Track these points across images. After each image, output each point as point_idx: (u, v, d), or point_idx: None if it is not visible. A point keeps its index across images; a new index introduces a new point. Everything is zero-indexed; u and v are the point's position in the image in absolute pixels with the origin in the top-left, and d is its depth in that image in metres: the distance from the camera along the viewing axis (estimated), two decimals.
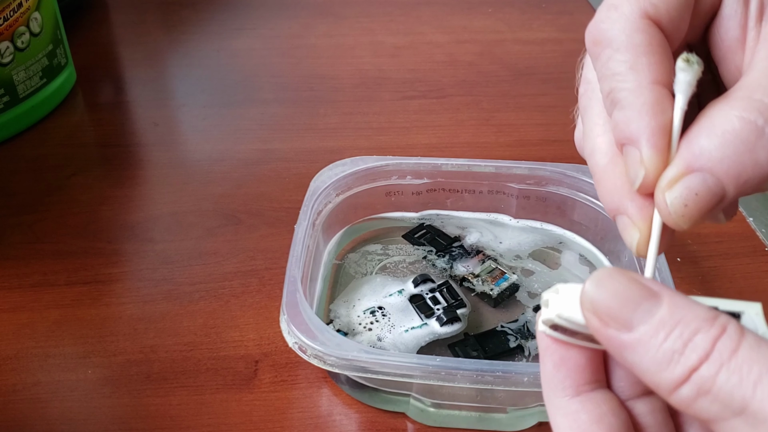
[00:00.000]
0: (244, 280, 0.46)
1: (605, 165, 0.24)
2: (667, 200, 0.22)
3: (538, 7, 0.77)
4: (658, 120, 0.22)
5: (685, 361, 0.18)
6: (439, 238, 0.46)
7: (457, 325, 0.41)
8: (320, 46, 0.71)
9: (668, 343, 0.18)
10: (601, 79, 0.24)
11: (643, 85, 0.22)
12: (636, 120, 0.22)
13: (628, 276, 0.20)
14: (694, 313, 0.19)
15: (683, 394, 0.18)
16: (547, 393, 0.22)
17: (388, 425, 0.38)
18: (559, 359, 0.22)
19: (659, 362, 0.18)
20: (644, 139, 0.22)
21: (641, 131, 0.22)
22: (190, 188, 0.53)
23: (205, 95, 0.64)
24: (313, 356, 0.35)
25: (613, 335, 0.19)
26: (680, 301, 0.19)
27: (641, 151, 0.22)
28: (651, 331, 0.19)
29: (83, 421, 0.38)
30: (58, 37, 0.60)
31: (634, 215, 0.23)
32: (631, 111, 0.22)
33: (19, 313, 0.43)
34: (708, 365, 0.18)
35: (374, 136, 0.59)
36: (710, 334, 0.18)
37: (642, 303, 0.19)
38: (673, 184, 0.22)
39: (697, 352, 0.18)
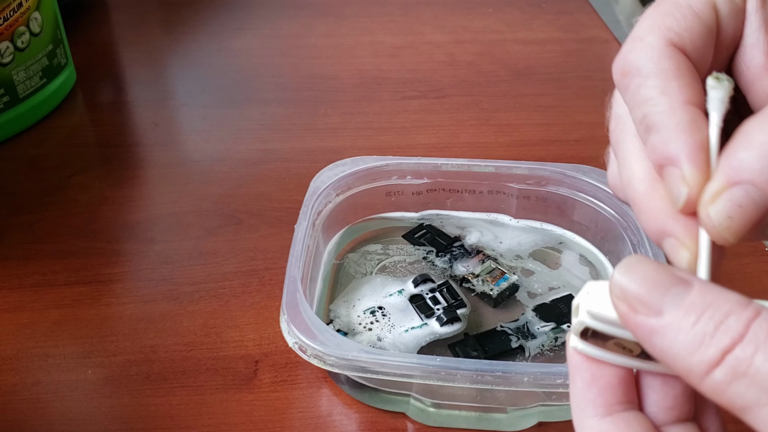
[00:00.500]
0: (244, 280, 0.46)
1: (645, 191, 0.24)
2: (711, 215, 0.21)
3: (538, 7, 0.77)
4: (696, 137, 0.22)
5: (717, 343, 0.18)
6: (439, 238, 0.47)
7: (457, 325, 0.41)
8: (320, 46, 0.71)
9: (699, 326, 0.18)
10: (633, 108, 0.24)
11: (676, 107, 0.22)
12: (673, 140, 0.22)
13: (657, 263, 0.20)
14: (725, 297, 0.19)
15: (717, 377, 0.18)
16: (576, 413, 0.22)
17: (388, 425, 0.38)
18: (590, 377, 0.22)
19: (690, 345, 0.18)
20: (684, 156, 0.22)
21: (680, 149, 0.22)
22: (190, 188, 0.53)
23: (205, 95, 0.64)
24: (313, 356, 0.35)
25: (642, 321, 0.19)
26: (711, 287, 0.19)
27: (682, 168, 0.22)
28: (681, 315, 0.19)
29: (83, 421, 0.38)
30: (58, 37, 0.60)
31: (682, 235, 0.23)
32: (667, 132, 0.22)
33: (19, 313, 0.43)
34: (743, 346, 0.18)
35: (374, 136, 0.59)
36: (743, 316, 0.18)
37: (672, 288, 0.19)
38: (715, 198, 0.21)
39: (729, 333, 0.18)
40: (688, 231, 0.23)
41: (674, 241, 0.23)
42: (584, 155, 0.56)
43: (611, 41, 0.72)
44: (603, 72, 0.68)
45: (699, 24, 0.24)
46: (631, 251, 0.42)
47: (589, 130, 0.60)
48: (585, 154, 0.57)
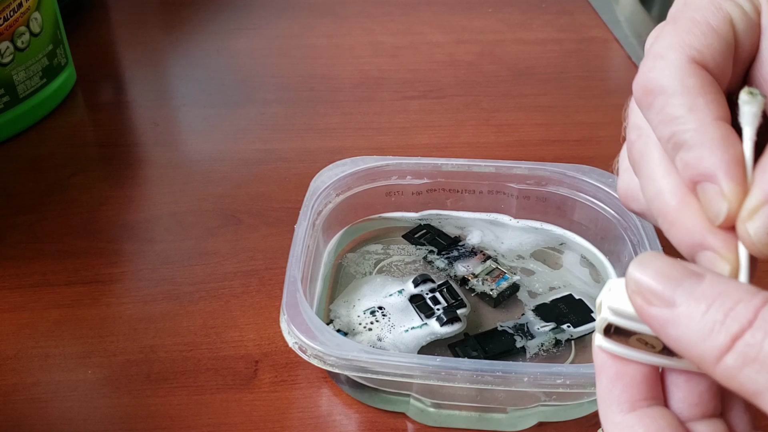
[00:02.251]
0: (244, 280, 0.46)
1: (677, 204, 0.24)
2: (750, 231, 0.22)
3: (538, 7, 0.77)
4: (731, 153, 0.22)
5: (728, 330, 0.18)
6: (439, 238, 0.46)
7: (457, 325, 0.41)
8: (320, 46, 0.71)
9: (710, 314, 0.19)
10: (659, 126, 0.24)
11: (707, 123, 0.23)
12: (709, 156, 0.22)
13: (670, 258, 0.20)
14: (735, 286, 0.19)
15: (728, 363, 0.18)
16: (603, 410, 0.22)
17: (388, 425, 0.38)
18: (614, 374, 0.22)
19: (702, 333, 0.19)
20: (722, 172, 0.22)
21: (717, 165, 0.22)
22: (190, 188, 0.53)
23: (205, 95, 0.64)
24: (313, 356, 0.35)
25: (657, 312, 0.20)
26: (722, 278, 0.20)
27: (721, 184, 0.22)
28: (693, 304, 0.19)
29: (83, 421, 0.38)
30: (58, 37, 0.60)
31: (722, 249, 0.23)
32: (700, 148, 0.22)
33: (19, 313, 0.43)
34: (752, 332, 0.18)
35: (374, 136, 0.59)
36: (752, 303, 0.18)
37: (684, 280, 0.20)
38: (753, 214, 0.22)
39: (739, 320, 0.18)
40: (727, 244, 0.23)
41: (711, 254, 0.23)
42: (584, 155, 0.56)
43: (611, 41, 0.72)
44: (603, 72, 0.68)
45: (718, 40, 0.24)
46: (631, 251, 0.42)
47: (589, 130, 0.60)
48: (585, 154, 0.57)
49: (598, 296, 0.22)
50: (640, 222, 0.42)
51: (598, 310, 0.22)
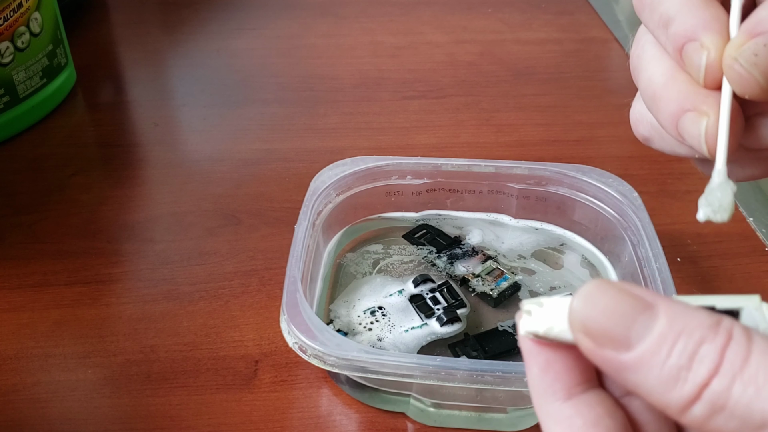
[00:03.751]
0: (244, 280, 0.46)
1: (664, 82, 0.24)
2: (737, 58, 0.22)
3: (538, 7, 0.77)
4: (710, 11, 0.22)
5: (694, 377, 0.17)
6: (439, 238, 0.46)
7: (457, 325, 0.41)
8: (320, 46, 0.71)
9: (673, 359, 0.17)
10: (651, 18, 0.24)
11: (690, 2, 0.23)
12: (689, 19, 0.23)
13: (618, 287, 0.18)
14: (695, 321, 0.17)
15: (696, 413, 0.17)
16: (536, 399, 0.21)
17: (388, 425, 0.38)
18: (545, 362, 0.20)
19: (665, 381, 0.17)
20: (700, 28, 0.22)
21: (696, 24, 0.22)
22: (190, 188, 0.53)
23: (205, 95, 0.64)
24: (313, 356, 0.35)
25: (610, 356, 0.18)
26: (678, 310, 0.18)
27: (700, 38, 0.22)
28: (652, 348, 0.17)
29: (83, 421, 0.38)
30: (58, 37, 0.60)
31: (700, 103, 0.23)
32: (681, 16, 0.23)
33: (19, 313, 0.43)
34: (719, 379, 0.16)
35: (374, 136, 0.59)
36: (717, 343, 0.17)
37: (637, 317, 0.18)
38: (738, 49, 0.22)
39: (705, 365, 0.17)
40: (707, 99, 0.23)
41: (692, 114, 0.23)
42: (584, 155, 0.56)
43: (611, 41, 0.72)
44: (603, 72, 0.68)
45: None
46: (631, 251, 0.42)
47: (589, 130, 0.60)
48: (585, 154, 0.57)
49: (524, 302, 0.20)
50: (640, 222, 0.42)
51: (527, 313, 0.20)
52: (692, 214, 0.24)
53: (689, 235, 0.49)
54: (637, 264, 0.41)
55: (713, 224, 0.40)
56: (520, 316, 0.20)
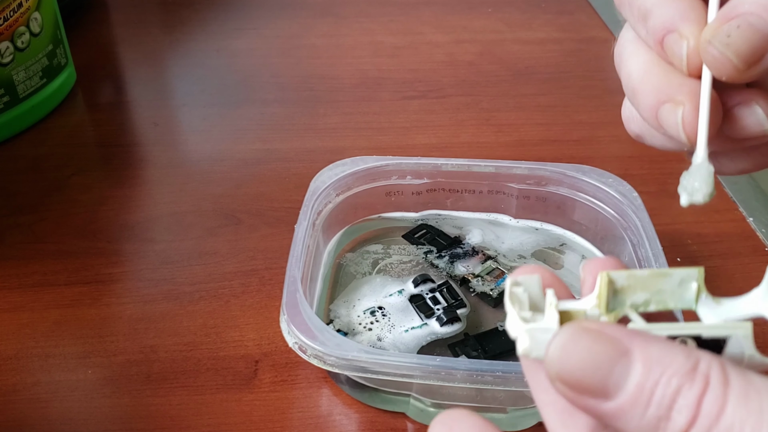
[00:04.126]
0: (244, 280, 0.46)
1: (643, 74, 0.24)
2: (711, 42, 0.22)
3: (538, 7, 0.77)
4: (687, 2, 0.23)
5: (673, 427, 0.17)
6: (439, 238, 0.46)
7: (457, 325, 0.41)
8: (320, 46, 0.71)
9: (652, 410, 0.17)
10: (631, 11, 0.24)
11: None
12: (666, 12, 0.23)
13: (593, 334, 0.18)
14: (672, 367, 0.17)
15: None
16: (526, 367, 0.21)
17: (388, 425, 0.38)
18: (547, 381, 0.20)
19: (646, 430, 0.17)
20: (678, 18, 0.23)
21: (674, 16, 0.23)
22: (190, 188, 0.53)
23: (205, 95, 0.64)
24: (313, 356, 0.35)
25: (591, 405, 0.18)
26: (655, 353, 0.18)
27: (679, 29, 0.23)
28: (631, 399, 0.17)
29: (83, 421, 0.38)
30: (58, 37, 0.60)
31: (677, 92, 0.23)
32: (659, 9, 0.23)
33: (19, 313, 0.43)
34: (696, 429, 0.17)
35: (374, 136, 0.59)
36: (693, 392, 0.17)
37: (613, 368, 0.18)
38: (714, 33, 0.22)
39: (683, 415, 0.17)
40: (682, 88, 0.23)
41: (669, 104, 0.23)
42: (584, 155, 0.56)
43: (611, 41, 0.72)
44: (603, 72, 0.68)
45: None
46: (631, 251, 0.42)
47: (589, 130, 0.60)
48: (585, 154, 0.57)
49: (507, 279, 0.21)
50: (640, 222, 0.42)
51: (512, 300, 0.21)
52: (692, 214, 0.24)
53: (689, 235, 0.49)
54: (637, 264, 0.41)
55: (713, 224, 0.41)
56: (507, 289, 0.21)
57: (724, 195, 0.52)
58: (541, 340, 0.20)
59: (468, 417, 0.21)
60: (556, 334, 0.19)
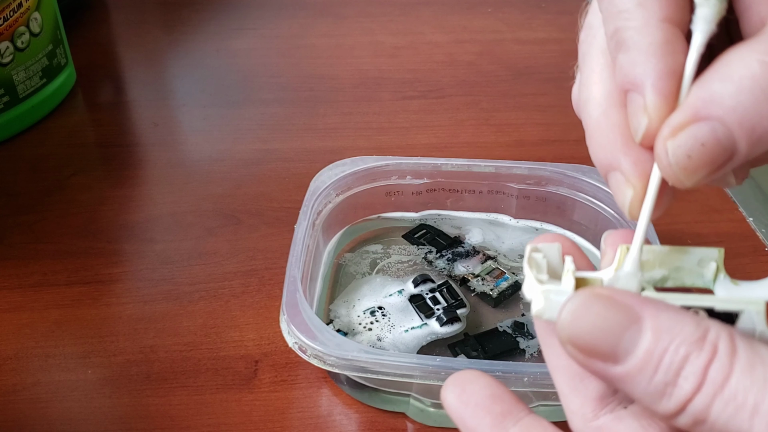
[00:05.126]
0: (244, 280, 0.46)
1: (598, 116, 0.22)
2: (669, 150, 0.19)
3: (538, 7, 0.77)
4: (667, 62, 0.19)
5: (679, 393, 0.17)
6: (439, 238, 0.47)
7: (457, 325, 0.41)
8: (320, 46, 0.71)
9: (659, 376, 0.18)
10: (606, 19, 0.21)
11: (651, 23, 0.20)
12: (641, 63, 0.20)
13: (606, 300, 0.19)
14: (681, 335, 0.18)
15: (681, 422, 0.18)
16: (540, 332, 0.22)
17: (388, 425, 0.38)
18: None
19: (653, 395, 0.18)
20: (649, 83, 0.19)
21: (646, 75, 0.19)
22: (190, 188, 0.53)
23: (205, 95, 0.64)
24: (313, 356, 0.35)
25: (600, 368, 0.19)
26: (665, 321, 0.18)
27: (645, 96, 0.20)
28: (639, 364, 0.18)
29: (83, 421, 0.38)
30: (58, 37, 0.60)
31: (628, 171, 0.21)
32: (636, 52, 0.20)
33: (19, 313, 0.43)
34: (701, 396, 0.17)
35: (374, 136, 0.59)
36: (701, 360, 0.17)
37: (624, 333, 0.18)
38: (677, 132, 0.19)
39: (689, 381, 0.17)
40: (637, 167, 0.21)
41: (620, 177, 0.21)
42: (584, 155, 0.56)
43: None
44: None
45: None
46: None
47: None
48: (585, 154, 0.56)
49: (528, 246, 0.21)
50: None
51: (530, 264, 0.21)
52: (692, 214, 0.24)
53: (689, 235, 0.49)
54: None
55: (713, 224, 0.41)
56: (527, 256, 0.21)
57: (724, 195, 0.52)
58: (555, 302, 0.20)
59: (480, 377, 0.21)
60: (569, 298, 0.19)
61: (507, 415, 0.21)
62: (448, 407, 0.21)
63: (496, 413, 0.21)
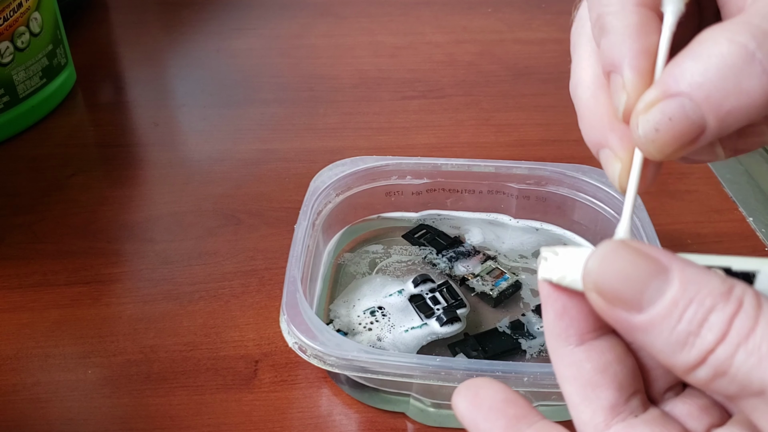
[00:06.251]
0: (244, 280, 0.46)
1: (587, 98, 0.24)
2: (639, 124, 0.20)
3: (538, 7, 0.77)
4: (641, 42, 0.21)
5: (701, 344, 0.17)
6: (439, 238, 0.47)
7: (457, 325, 0.41)
8: (320, 46, 0.71)
9: (683, 325, 0.17)
10: (590, 7, 0.23)
11: (627, 8, 0.21)
12: (619, 44, 0.21)
13: (634, 250, 0.19)
14: (708, 288, 0.18)
15: (699, 375, 0.18)
16: (550, 342, 0.21)
17: (388, 425, 0.38)
18: (561, 308, 0.21)
19: (674, 345, 0.18)
20: (626, 62, 0.21)
21: (623, 55, 0.21)
22: (190, 188, 0.53)
23: (205, 95, 0.64)
24: (313, 356, 0.35)
25: (622, 317, 0.18)
26: (692, 275, 0.18)
27: (623, 75, 0.21)
28: (663, 312, 0.18)
29: (83, 421, 0.38)
30: (58, 37, 0.60)
31: (615, 145, 0.22)
32: (614, 35, 0.21)
33: (19, 313, 0.43)
34: (724, 346, 0.17)
35: (374, 136, 0.59)
36: (726, 311, 0.17)
37: (651, 281, 0.18)
38: (649, 108, 0.20)
39: (713, 332, 0.17)
40: (623, 142, 0.22)
41: (609, 153, 0.23)
42: (584, 155, 0.56)
43: None
44: None
45: None
46: None
47: None
48: (585, 154, 0.56)
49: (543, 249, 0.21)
50: (639, 222, 0.42)
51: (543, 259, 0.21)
52: (692, 214, 0.24)
53: (689, 235, 0.49)
54: None
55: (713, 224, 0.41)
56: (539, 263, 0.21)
57: (724, 195, 0.52)
58: (575, 264, 0.20)
59: (492, 382, 0.21)
60: (597, 247, 0.19)
61: (521, 419, 0.21)
62: (460, 413, 0.21)
63: (510, 416, 0.21)
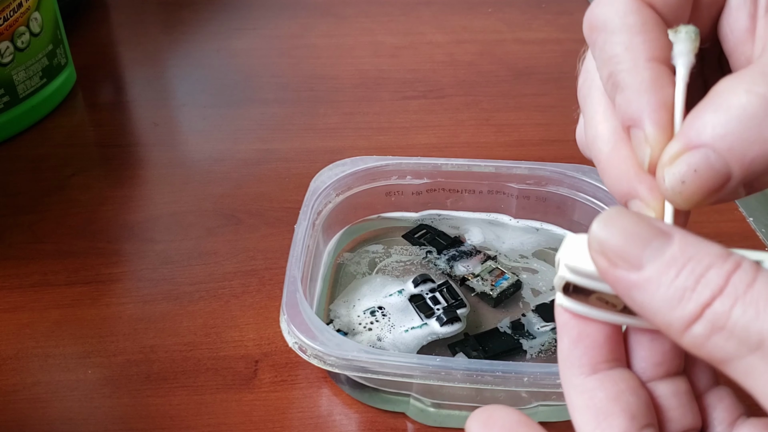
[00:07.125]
0: (244, 280, 0.46)
1: (609, 152, 0.24)
2: (665, 177, 0.21)
3: (538, 7, 0.77)
4: (658, 96, 0.21)
5: (698, 297, 0.18)
6: (439, 238, 0.47)
7: (457, 325, 0.41)
8: (320, 46, 0.71)
9: (680, 280, 0.18)
10: (600, 65, 0.23)
11: (639, 64, 0.22)
12: (635, 99, 0.22)
13: (637, 214, 0.19)
14: (706, 249, 0.18)
15: (696, 332, 0.18)
16: (563, 370, 0.22)
17: (388, 425, 0.38)
18: (576, 335, 0.21)
19: (670, 300, 0.18)
20: (645, 116, 0.21)
21: (642, 109, 0.22)
22: (190, 188, 0.53)
23: (205, 95, 0.64)
24: (313, 356, 0.35)
25: (622, 275, 0.19)
26: (692, 239, 0.18)
27: (644, 129, 0.21)
28: (661, 269, 0.18)
29: (83, 421, 0.38)
30: (58, 37, 0.60)
31: (646, 196, 0.22)
32: (630, 91, 0.22)
33: (19, 313, 0.43)
34: (722, 300, 0.17)
35: (374, 136, 0.59)
36: (724, 269, 0.18)
37: (652, 241, 0.19)
38: (673, 161, 0.21)
39: (710, 287, 0.17)
40: (653, 193, 0.22)
41: (640, 204, 0.23)
42: (584, 155, 0.56)
43: None
44: None
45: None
46: None
47: None
48: None
49: (558, 252, 0.21)
50: None
51: (557, 267, 0.21)
52: (692, 215, 0.24)
53: None
54: None
55: (713, 224, 0.40)
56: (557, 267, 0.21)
57: None
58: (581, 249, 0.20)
59: (506, 408, 0.21)
60: (601, 213, 0.20)
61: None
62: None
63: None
